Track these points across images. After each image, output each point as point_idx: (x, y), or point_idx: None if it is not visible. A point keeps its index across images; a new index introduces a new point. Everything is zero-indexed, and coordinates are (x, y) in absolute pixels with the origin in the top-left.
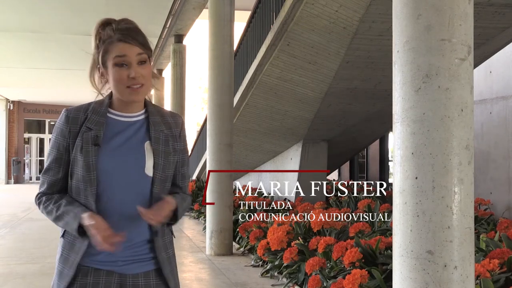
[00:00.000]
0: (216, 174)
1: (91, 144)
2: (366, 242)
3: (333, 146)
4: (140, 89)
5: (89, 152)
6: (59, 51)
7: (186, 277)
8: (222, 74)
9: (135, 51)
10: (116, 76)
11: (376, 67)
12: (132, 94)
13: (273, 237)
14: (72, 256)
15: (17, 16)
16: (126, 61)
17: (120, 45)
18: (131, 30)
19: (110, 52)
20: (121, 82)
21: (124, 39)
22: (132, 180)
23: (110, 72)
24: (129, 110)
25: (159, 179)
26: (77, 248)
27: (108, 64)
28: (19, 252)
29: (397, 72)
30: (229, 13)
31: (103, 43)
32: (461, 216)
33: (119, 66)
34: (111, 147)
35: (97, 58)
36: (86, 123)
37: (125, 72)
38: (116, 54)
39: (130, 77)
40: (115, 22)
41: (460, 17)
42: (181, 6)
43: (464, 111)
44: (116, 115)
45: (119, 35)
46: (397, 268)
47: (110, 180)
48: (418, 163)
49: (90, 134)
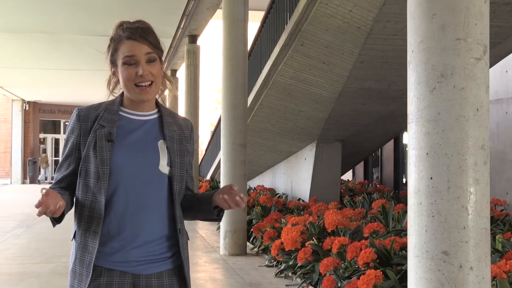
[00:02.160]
0: (230, 174)
1: (105, 140)
2: (380, 243)
3: (347, 146)
4: (149, 88)
5: (103, 148)
6: (73, 52)
7: (200, 277)
8: (236, 74)
9: (143, 49)
10: (125, 74)
11: (390, 67)
12: (141, 93)
13: (287, 237)
14: (87, 257)
15: (31, 18)
16: (135, 60)
17: (128, 42)
18: (142, 29)
19: (119, 50)
20: (130, 80)
21: (132, 36)
22: (146, 178)
23: (120, 70)
24: (140, 109)
25: (178, 176)
26: (90, 248)
27: (117, 62)
28: (34, 252)
29: (411, 72)
30: (243, 13)
31: (113, 42)
32: (477, 217)
33: (128, 65)
34: (124, 144)
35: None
36: (99, 121)
37: (133, 70)
38: (125, 54)
39: (138, 75)
40: (128, 23)
41: (475, 16)
42: (195, 6)
43: (479, 110)
44: (128, 113)
45: (128, 33)
46: (412, 268)
47: (123, 177)
48: (433, 163)
49: (104, 131)
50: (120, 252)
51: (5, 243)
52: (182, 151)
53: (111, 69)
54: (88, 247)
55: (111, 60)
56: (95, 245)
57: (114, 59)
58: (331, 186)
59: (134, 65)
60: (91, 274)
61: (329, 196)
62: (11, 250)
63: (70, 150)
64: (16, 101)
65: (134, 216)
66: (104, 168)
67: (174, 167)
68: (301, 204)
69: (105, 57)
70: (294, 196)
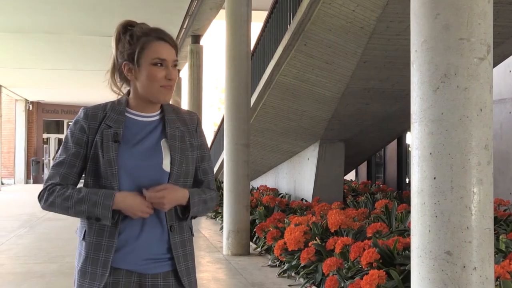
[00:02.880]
0: (233, 174)
1: (111, 141)
2: (383, 243)
3: (350, 146)
4: (171, 90)
5: (110, 148)
6: (75, 52)
7: (203, 277)
8: (239, 74)
9: (173, 54)
10: (153, 74)
11: (394, 66)
12: (165, 93)
13: (290, 237)
14: (101, 255)
15: (35, 18)
16: (165, 62)
17: (159, 44)
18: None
19: (147, 49)
20: (157, 81)
21: (164, 38)
22: (151, 178)
23: (145, 69)
24: (146, 110)
25: (174, 174)
26: (105, 247)
27: (142, 61)
28: (38, 252)
29: (415, 72)
30: (246, 13)
31: (138, 40)
32: (480, 217)
33: (156, 65)
34: (130, 146)
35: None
36: (105, 121)
37: (163, 72)
38: (157, 56)
39: (167, 78)
40: (142, 24)
41: (479, 16)
42: (198, 6)
43: (483, 110)
44: (134, 114)
45: (158, 34)
46: (415, 268)
47: (129, 177)
48: (437, 163)
49: (110, 131)
50: (126, 251)
51: (9, 243)
52: (183, 149)
53: (124, 66)
54: (103, 246)
55: (132, 57)
56: (111, 244)
57: (139, 57)
58: (334, 186)
59: (162, 66)
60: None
61: (332, 196)
62: (14, 250)
63: (77, 147)
64: (20, 101)
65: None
66: (112, 169)
67: (173, 165)
68: (304, 204)
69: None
70: (297, 196)
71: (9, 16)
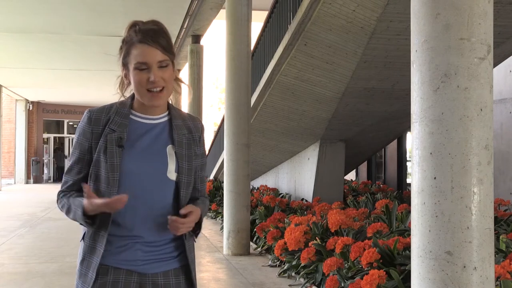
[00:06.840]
0: (233, 174)
1: (115, 145)
2: (384, 243)
3: (350, 146)
4: (160, 93)
5: (114, 153)
6: (77, 52)
7: (204, 277)
8: (239, 74)
9: (155, 54)
10: (136, 79)
11: (394, 66)
12: (153, 99)
13: (290, 237)
14: (94, 259)
15: (36, 18)
16: (147, 65)
17: (140, 47)
18: (154, 31)
19: (130, 54)
20: (141, 85)
21: (144, 40)
22: (155, 184)
23: (131, 74)
24: (151, 113)
25: (185, 182)
26: (98, 251)
27: (129, 66)
28: (39, 251)
29: (415, 72)
30: (246, 13)
31: (125, 44)
32: (481, 217)
33: (139, 70)
34: (134, 150)
35: (121, 59)
36: (109, 125)
37: (145, 76)
38: (137, 60)
39: (150, 81)
40: (140, 23)
41: (479, 15)
42: (198, 6)
43: (483, 110)
44: (138, 117)
45: (140, 36)
46: (416, 268)
47: (132, 182)
48: (437, 163)
49: (114, 135)
50: (127, 251)
51: (10, 243)
52: (190, 156)
53: (122, 71)
54: (96, 250)
55: (123, 62)
56: (101, 248)
57: (126, 62)
58: (334, 186)
59: (146, 70)
60: (95, 277)
61: (332, 196)
62: (15, 250)
63: (81, 153)
64: (20, 101)
65: (142, 220)
66: (114, 175)
67: (182, 174)
68: (304, 204)
69: (117, 58)
70: (297, 196)
71: (10, 16)
